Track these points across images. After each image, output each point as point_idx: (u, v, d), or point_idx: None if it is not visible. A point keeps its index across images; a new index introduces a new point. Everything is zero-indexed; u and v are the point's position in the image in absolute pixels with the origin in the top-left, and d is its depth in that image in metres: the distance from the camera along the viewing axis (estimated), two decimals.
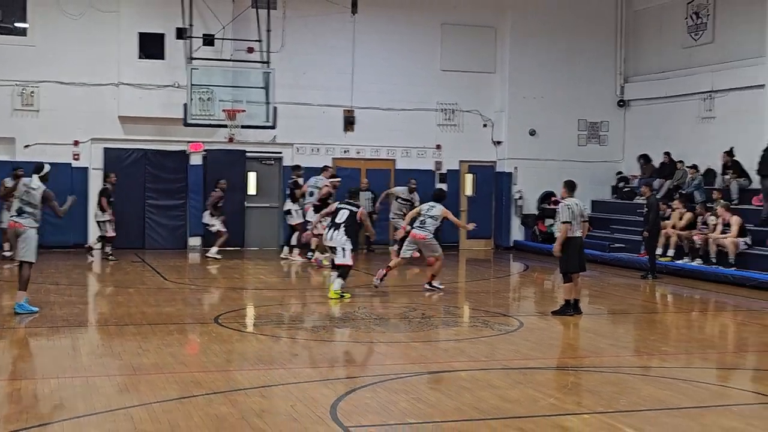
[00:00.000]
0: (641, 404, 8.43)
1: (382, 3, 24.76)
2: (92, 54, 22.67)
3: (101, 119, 22.82)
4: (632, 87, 26.25)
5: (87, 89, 22.69)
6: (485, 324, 12.99)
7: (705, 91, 23.41)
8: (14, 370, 9.53)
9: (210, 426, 7.32)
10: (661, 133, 24.80)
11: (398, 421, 7.63)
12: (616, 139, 26.56)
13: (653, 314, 15.17)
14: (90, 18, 22.67)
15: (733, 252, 18.69)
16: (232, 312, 13.54)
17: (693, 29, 23.99)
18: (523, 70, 25.64)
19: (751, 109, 21.88)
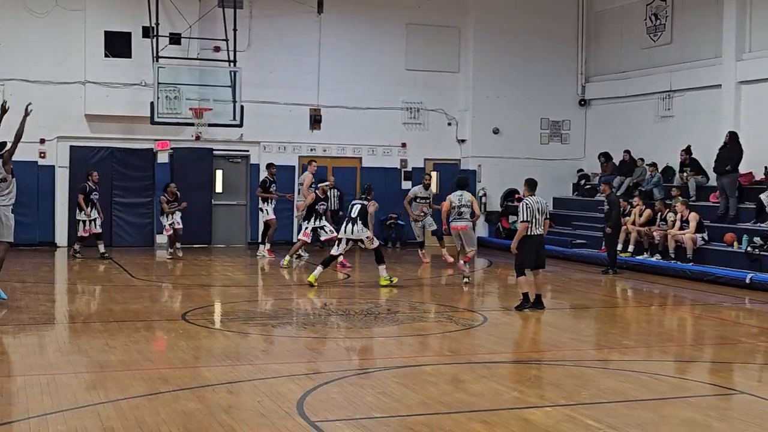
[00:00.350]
0: (602, 397, 8.47)
1: (347, 3, 24.74)
2: (58, 52, 22.47)
3: (67, 117, 22.62)
4: (593, 86, 26.42)
5: (53, 87, 22.47)
6: (450, 319, 13.02)
7: (664, 91, 23.60)
8: None
9: (177, 422, 7.27)
10: (621, 131, 24.97)
11: (364, 416, 7.62)
12: (577, 138, 26.73)
13: (614, 308, 15.28)
14: (56, 16, 22.45)
15: (691, 248, 18.88)
16: (199, 309, 13.47)
17: (652, 30, 24.18)
18: (486, 69, 25.72)
19: (708, 108, 22.09)
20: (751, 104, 21.11)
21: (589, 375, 9.55)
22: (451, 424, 7.36)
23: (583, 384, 9.04)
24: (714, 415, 7.90)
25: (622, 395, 8.56)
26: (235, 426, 7.18)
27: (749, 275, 17.09)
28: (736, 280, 17.19)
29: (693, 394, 8.76)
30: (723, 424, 7.65)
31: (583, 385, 8.97)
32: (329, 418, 7.49)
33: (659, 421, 7.64)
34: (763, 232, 18.31)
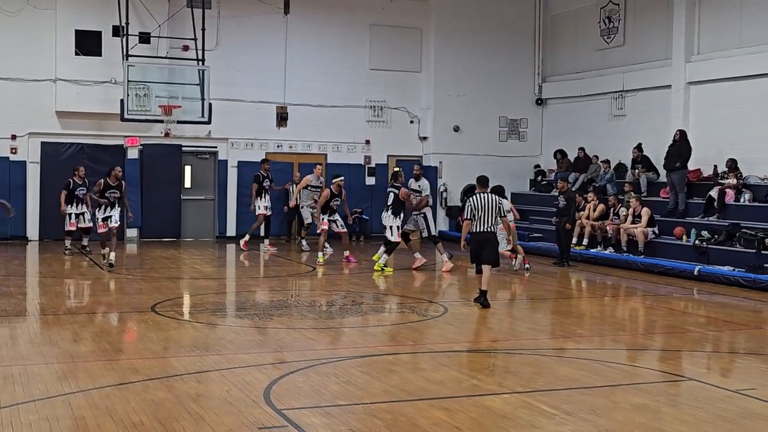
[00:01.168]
0: (558, 384, 8.54)
1: (313, 4, 24.68)
2: (29, 50, 22.21)
3: (39, 114, 22.38)
4: (549, 86, 26.55)
5: (24, 84, 22.23)
6: (412, 310, 13.05)
7: (616, 91, 23.78)
8: None
9: (147, 411, 7.22)
10: (576, 129, 25.12)
11: (329, 404, 7.62)
12: (534, 136, 26.87)
13: (569, 299, 15.38)
14: (27, 14, 22.18)
15: (642, 241, 19.05)
16: (168, 301, 13.40)
17: (606, 33, 24.34)
18: (447, 69, 25.78)
19: (658, 107, 22.29)
20: (699, 104, 21.32)
21: (545, 363, 9.60)
22: (412, 411, 7.37)
23: (540, 372, 9.10)
24: (664, 401, 7.99)
25: (577, 382, 8.63)
26: (203, 414, 7.15)
27: (697, 267, 17.28)
28: (685, 272, 17.38)
29: (644, 381, 8.83)
30: (672, 409, 7.74)
31: (539, 373, 9.02)
32: (295, 406, 7.48)
33: (612, 406, 7.70)
34: (711, 226, 18.51)
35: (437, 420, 7.11)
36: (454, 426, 6.96)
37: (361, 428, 6.88)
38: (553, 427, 7.02)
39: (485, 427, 6.97)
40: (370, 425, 6.97)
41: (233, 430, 6.75)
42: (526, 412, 7.43)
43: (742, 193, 19.00)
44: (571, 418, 7.25)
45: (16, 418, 6.98)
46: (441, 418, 7.16)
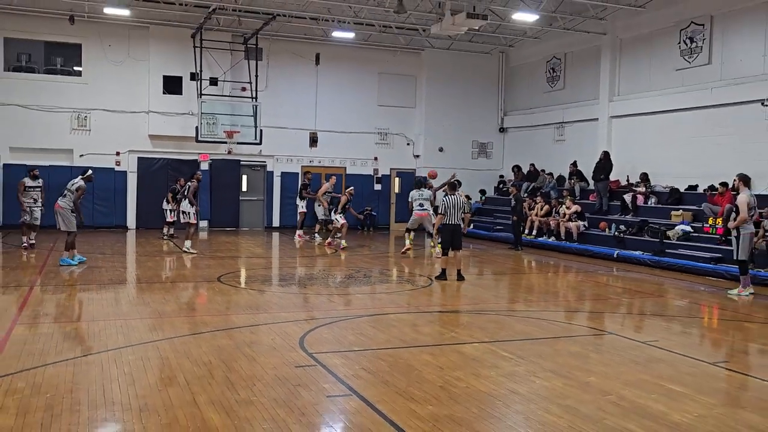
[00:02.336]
0: (514, 336, 8.54)
1: (337, 58, 24.63)
2: (129, 89, 22.24)
3: (136, 137, 22.40)
4: (509, 118, 26.49)
5: (125, 115, 22.25)
6: (408, 281, 13.04)
7: (558, 122, 23.74)
8: (72, 315, 9.32)
9: (214, 353, 7.25)
10: (529, 150, 25.08)
11: (347, 349, 7.63)
12: (498, 154, 26.79)
13: (521, 275, 15.37)
14: (128, 64, 22.20)
15: (576, 232, 19.02)
16: (230, 273, 13.41)
17: (550, 79, 24.27)
18: (435, 105, 25.73)
19: (589, 134, 22.24)
20: (619, 132, 21.27)
21: (505, 321, 9.61)
22: (408, 355, 7.38)
23: (501, 327, 9.10)
24: (591, 349, 7.99)
25: (528, 335, 8.63)
26: (255, 356, 7.17)
27: (616, 251, 17.25)
28: (607, 255, 17.35)
29: (576, 334, 8.84)
30: (598, 355, 7.73)
31: (500, 329, 9.02)
32: (322, 351, 7.49)
33: (553, 353, 7.71)
34: (626, 222, 18.47)
35: (425, 362, 7.12)
36: (438, 366, 6.97)
37: (370, 367, 6.89)
38: (511, 367, 7.03)
39: (460, 366, 6.98)
40: (377, 365, 6.98)
41: (277, 367, 6.77)
42: (490, 356, 7.44)
43: (650, 197, 18.95)
44: (524, 361, 7.25)
45: (119, 358, 7.02)
46: (428, 360, 7.17)
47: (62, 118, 21.69)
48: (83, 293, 10.95)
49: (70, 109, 21.75)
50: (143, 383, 6.23)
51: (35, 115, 21.41)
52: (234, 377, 6.45)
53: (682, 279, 14.41)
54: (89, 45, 21.97)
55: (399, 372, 6.75)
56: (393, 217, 25.93)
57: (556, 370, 6.98)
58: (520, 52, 25.83)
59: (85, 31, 21.86)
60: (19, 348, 7.30)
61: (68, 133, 21.80)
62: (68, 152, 21.82)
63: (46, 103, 21.51)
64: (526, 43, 24.95)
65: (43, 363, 6.76)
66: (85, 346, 7.56)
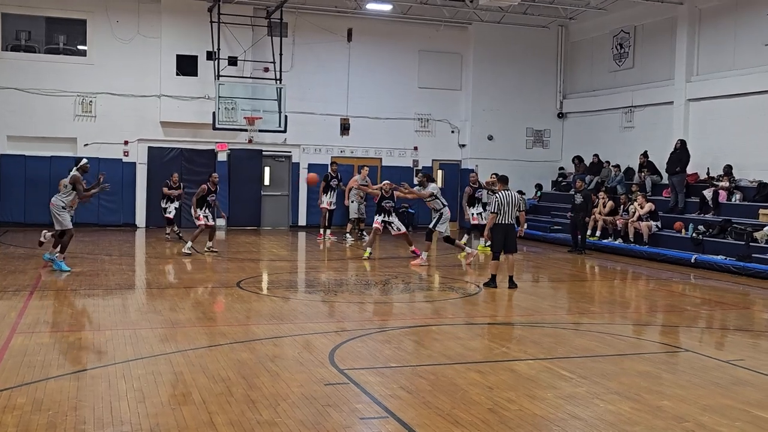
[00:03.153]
0: (574, 353, 8.48)
1: (371, 33, 24.69)
2: (139, 71, 22.59)
3: (146, 124, 22.75)
4: (569, 102, 26.29)
5: (135, 99, 22.61)
6: (451, 289, 13.02)
7: (626, 107, 23.49)
8: (76, 324, 9.50)
9: (233, 368, 7.32)
10: (592, 139, 24.87)
11: (383, 365, 7.65)
12: (556, 144, 26.62)
13: (583, 282, 15.23)
14: (137, 42, 22.55)
15: (647, 233, 18.80)
16: (250, 278, 13.54)
17: (617, 57, 24.01)
18: (483, 88, 25.64)
19: (662, 120, 21.97)
20: (697, 117, 20.96)
21: (563, 335, 9.54)
22: (452, 372, 7.37)
23: (559, 342, 9.04)
24: (664, 368, 7.89)
25: (590, 351, 8.56)
26: (279, 372, 7.23)
27: (694, 256, 17.02)
28: (683, 260, 17.12)
29: (647, 351, 8.74)
30: (671, 375, 7.64)
31: (558, 343, 8.96)
32: (355, 367, 7.52)
33: (620, 372, 7.63)
34: (705, 222, 18.20)
35: (473, 381, 7.11)
36: (486, 386, 6.95)
37: (409, 386, 6.90)
38: (570, 388, 6.97)
39: (512, 386, 6.95)
40: (417, 384, 6.98)
41: (303, 385, 6.81)
42: (547, 375, 7.40)
43: (734, 193, 18.64)
44: (585, 381, 7.19)
45: (127, 371, 7.14)
46: (476, 379, 7.15)
47: (65, 103, 22.13)
48: (88, 299, 11.16)
49: (73, 92, 22.18)
50: (154, 401, 6.32)
51: (35, 99, 21.87)
52: (255, 395, 6.51)
53: None
54: (95, 21, 22.37)
55: (442, 392, 6.74)
56: None
57: (622, 392, 6.90)
58: (582, 26, 25.59)
59: (90, 5, 22.26)
60: (18, 359, 7.47)
61: (71, 119, 22.23)
62: (71, 141, 22.25)
63: (47, 86, 21.96)
64: (590, 14, 24.70)
65: (44, 376, 6.91)
66: (91, 359, 7.71)
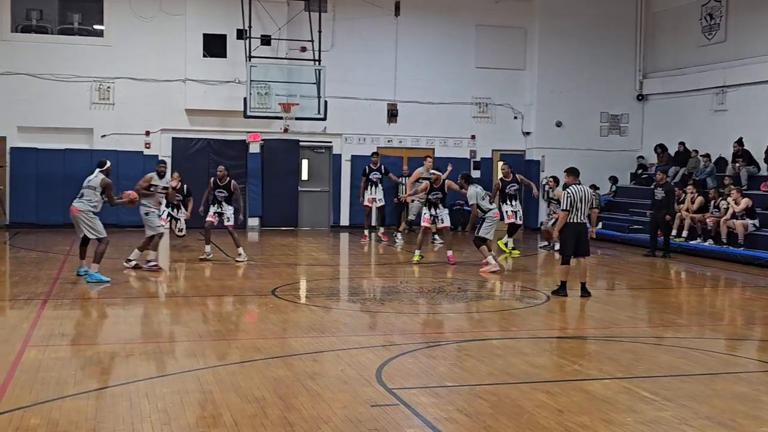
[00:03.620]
0: (657, 371, 8.38)
1: (422, 6, 24.68)
2: (162, 52, 22.89)
3: (170, 112, 23.06)
4: (650, 82, 25.96)
5: (157, 84, 22.92)
6: (515, 297, 12.97)
7: (717, 86, 23.11)
8: (94, 336, 9.69)
9: (268, 387, 7.39)
10: (677, 124, 24.54)
11: (437, 384, 7.65)
12: (635, 130, 26.30)
13: (668, 289, 15.04)
14: (160, 20, 22.86)
15: (743, 233, 18.46)
16: (287, 285, 13.64)
17: (707, 29, 23.64)
18: (550, 67, 25.45)
19: (760, 102, 21.58)
20: None
21: (645, 350, 9.43)
22: (516, 393, 7.34)
23: (639, 358, 8.94)
24: (764, 390, 7.74)
25: (676, 369, 8.45)
26: (320, 391, 7.27)
27: None
28: None
29: (744, 370, 8.59)
30: None
31: (638, 360, 8.87)
32: (405, 386, 7.53)
33: (711, 394, 7.51)
34: None
35: (540, 402, 7.07)
36: (556, 408, 6.90)
37: (467, 408, 6.89)
38: (653, 412, 6.89)
39: (586, 410, 6.89)
40: (476, 406, 6.96)
41: (347, 406, 6.84)
42: (626, 397, 7.32)
43: None
44: (671, 404, 7.10)
45: (151, 390, 7.24)
46: (544, 401, 7.11)
47: (80, 90, 22.54)
48: (107, 309, 11.37)
49: (89, 77, 22.59)
50: (181, 423, 6.41)
51: (47, 86, 22.33)
52: (293, 418, 6.55)
53: None
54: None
55: (505, 415, 6.72)
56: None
57: (715, 416, 6.80)
58: None
59: None
60: (31, 376, 7.65)
61: (87, 108, 22.65)
62: (87, 132, 22.66)
63: (60, 70, 22.40)
64: None
65: (60, 395, 7.06)
66: (111, 375, 7.85)
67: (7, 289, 13.02)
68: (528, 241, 23.16)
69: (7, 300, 12.10)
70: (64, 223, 20.63)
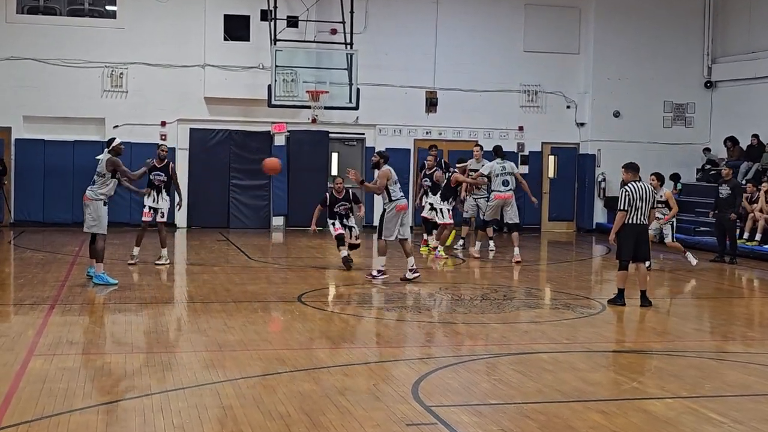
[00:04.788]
0: (726, 390, 8.29)
1: None
2: (179, 36, 23.07)
3: (187, 100, 23.22)
4: (720, 68, 25.71)
5: (174, 71, 23.09)
6: (567, 307, 12.90)
7: None
8: (105, 345, 9.78)
9: (294, 402, 7.41)
10: (750, 114, 24.27)
11: (480, 402, 7.63)
12: (702, 121, 26.06)
13: (739, 299, 14.88)
14: (177, 1, 23.02)
15: None
16: (314, 291, 13.68)
17: None
18: (607, 50, 25.29)
19: None
20: None
21: (712, 367, 9.34)
22: (568, 413, 7.30)
23: (706, 376, 8.85)
24: None
25: (748, 389, 8.36)
26: (350, 408, 7.28)
27: None
28: None
29: None
30: None
31: (705, 377, 8.78)
32: (444, 403, 7.52)
33: None
34: None
35: (594, 423, 7.02)
36: (612, 429, 6.86)
37: (513, 429, 6.86)
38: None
39: (646, 431, 6.86)
40: (523, 426, 6.94)
41: (381, 425, 6.84)
42: (691, 418, 7.25)
43: None
44: (742, 427, 7.02)
45: (166, 404, 7.29)
46: (598, 422, 7.07)
47: (91, 76, 22.78)
48: (118, 315, 11.47)
49: (100, 63, 22.83)
50: None
51: (55, 72, 22.60)
52: None
53: None
54: None
55: None
56: (546, 214, 25.68)
57: None
58: None
59: None
60: (37, 387, 7.74)
61: (99, 96, 22.90)
62: (98, 122, 22.90)
63: (69, 55, 22.67)
64: None
65: (68, 408, 7.13)
66: (122, 388, 7.92)
67: (12, 293, 13.20)
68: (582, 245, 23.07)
69: (11, 305, 12.26)
70: (73, 222, 20.94)
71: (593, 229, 25.19)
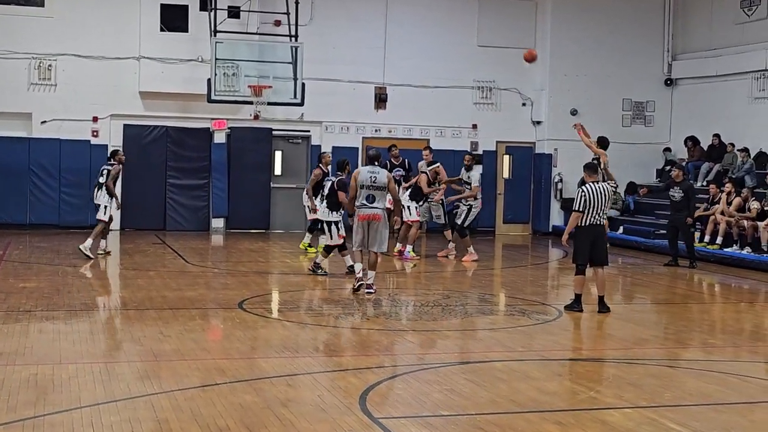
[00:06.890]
0: (686, 399, 8.40)
1: None
2: (112, 26, 22.81)
3: (121, 94, 22.97)
4: (680, 65, 26.04)
5: (106, 63, 22.84)
6: (522, 313, 12.97)
7: (758, 70, 23.19)
8: (31, 355, 9.63)
9: (233, 415, 7.36)
10: (711, 113, 24.61)
11: (431, 413, 7.64)
12: (662, 120, 26.38)
13: (699, 304, 15.07)
14: None
15: None
16: (256, 297, 13.61)
17: (746, 4, 23.75)
18: (564, 46, 25.50)
19: None
20: None
21: (672, 375, 9.45)
22: (523, 424, 7.34)
23: (666, 385, 8.96)
24: None
25: (709, 397, 8.46)
26: (293, 420, 7.25)
27: None
28: None
29: None
30: None
31: (665, 386, 8.88)
32: (393, 415, 7.52)
33: (749, 426, 7.53)
34: None
35: None
36: None
37: None
38: None
39: None
40: None
41: None
42: (650, 429, 7.33)
43: None
44: None
45: (97, 418, 7.20)
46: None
47: (17, 68, 22.44)
48: (46, 323, 11.29)
49: (27, 54, 22.49)
50: None
51: None
52: None
53: None
54: None
55: None
56: (500, 216, 25.83)
57: None
58: None
59: None
60: None
61: (25, 89, 22.56)
62: (25, 118, 22.58)
63: None
64: None
65: None
66: (50, 400, 7.80)
67: None
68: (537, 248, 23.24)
69: None
70: None
71: (549, 232, 25.37)
